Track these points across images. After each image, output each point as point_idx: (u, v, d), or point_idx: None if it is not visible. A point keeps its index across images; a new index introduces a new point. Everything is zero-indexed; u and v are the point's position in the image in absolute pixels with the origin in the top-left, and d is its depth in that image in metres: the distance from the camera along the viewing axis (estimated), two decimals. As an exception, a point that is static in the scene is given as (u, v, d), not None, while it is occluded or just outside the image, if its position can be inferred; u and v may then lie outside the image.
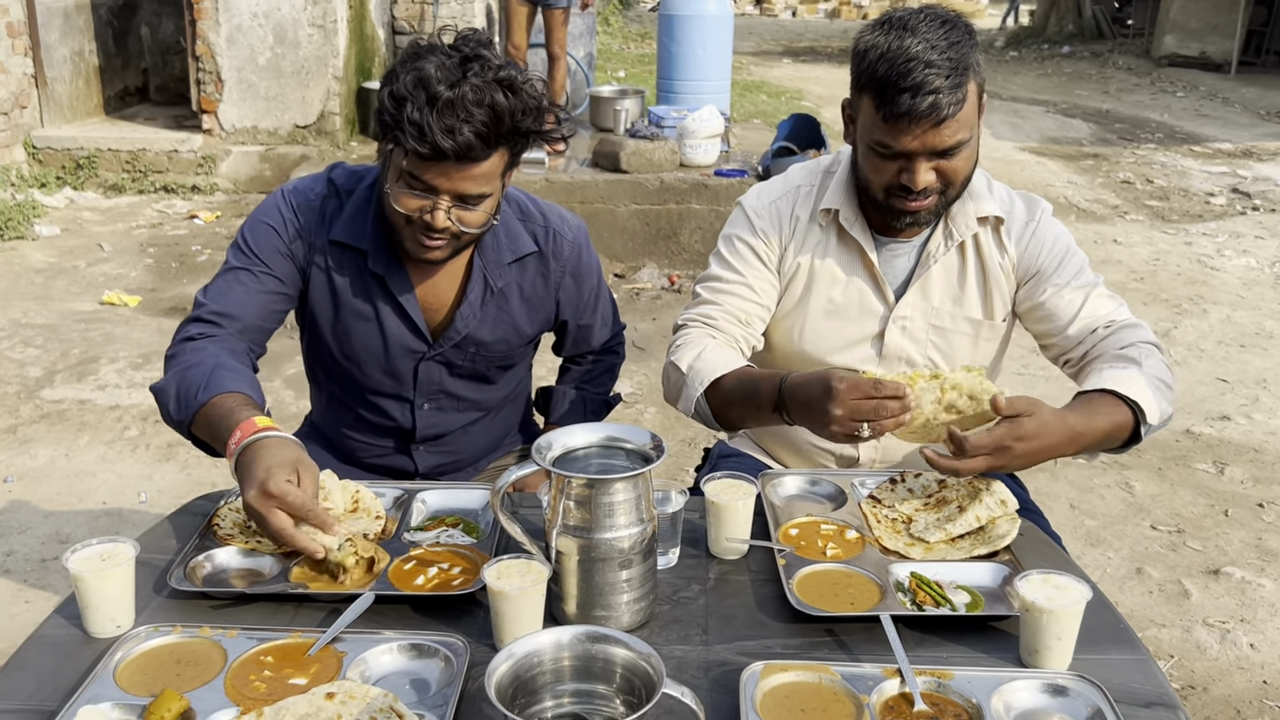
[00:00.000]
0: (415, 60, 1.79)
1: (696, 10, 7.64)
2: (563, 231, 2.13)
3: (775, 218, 2.10)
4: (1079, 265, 2.03)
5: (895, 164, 1.88)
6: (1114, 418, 1.80)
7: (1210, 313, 5.81)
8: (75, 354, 4.92)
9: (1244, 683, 2.90)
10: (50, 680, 1.39)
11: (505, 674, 1.14)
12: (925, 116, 1.80)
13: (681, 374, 2.00)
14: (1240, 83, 13.68)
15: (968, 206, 2.01)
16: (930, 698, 1.35)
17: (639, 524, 1.46)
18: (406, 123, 1.75)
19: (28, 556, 3.37)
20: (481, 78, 1.77)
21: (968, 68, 1.82)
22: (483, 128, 1.77)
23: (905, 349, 2.07)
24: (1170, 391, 1.88)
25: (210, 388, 1.78)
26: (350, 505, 1.77)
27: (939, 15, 1.85)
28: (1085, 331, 1.98)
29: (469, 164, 1.80)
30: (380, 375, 2.11)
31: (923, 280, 2.04)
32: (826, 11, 25.58)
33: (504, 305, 2.09)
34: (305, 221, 2.01)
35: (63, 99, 7.92)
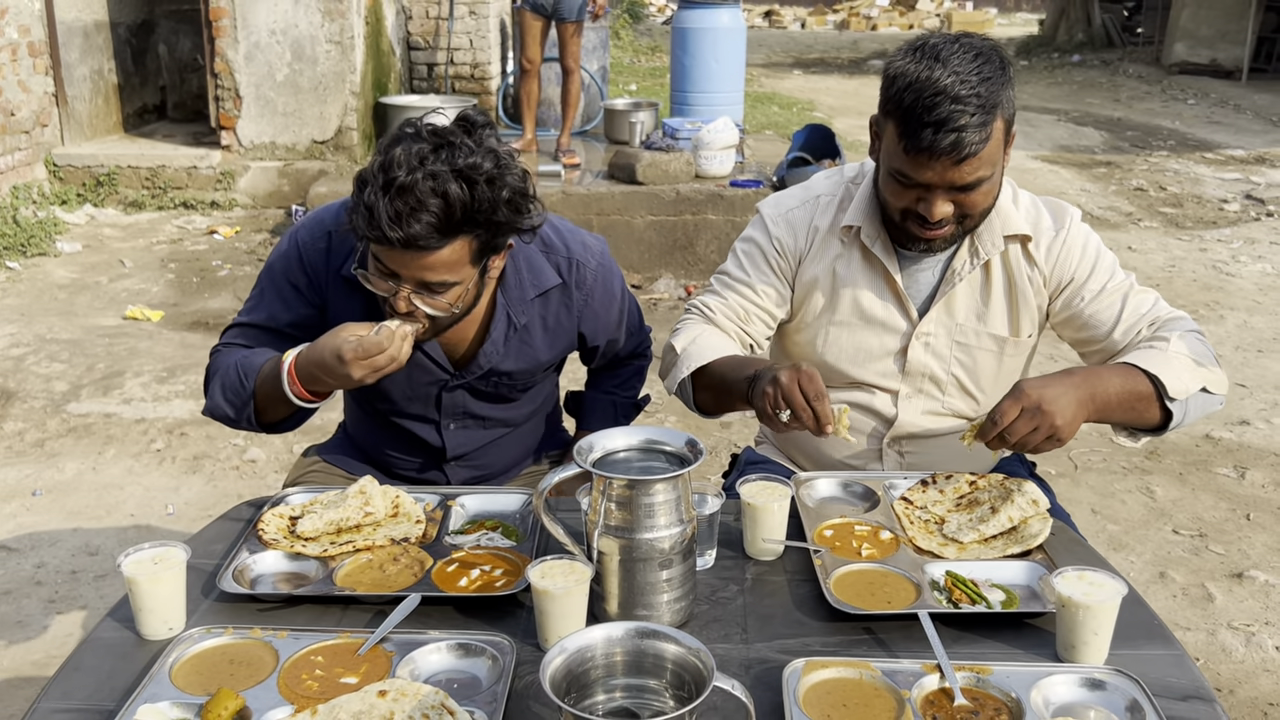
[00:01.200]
0: (393, 144, 1.73)
1: (710, 23, 7.69)
2: (585, 261, 2.10)
3: (792, 226, 2.09)
4: (1110, 268, 2.02)
5: (913, 192, 1.86)
6: (1127, 381, 1.81)
7: (1227, 319, 5.81)
8: (100, 368, 4.97)
9: (1270, 685, 2.90)
10: (107, 681, 1.42)
11: (559, 668, 1.17)
12: (946, 153, 1.77)
13: (675, 354, 2.05)
14: (1251, 89, 13.68)
15: (994, 224, 1.98)
16: (970, 692, 1.37)
17: (679, 524, 1.49)
18: (360, 206, 1.71)
19: (58, 569, 3.41)
20: (447, 164, 1.70)
21: (996, 105, 1.78)
22: (433, 219, 1.70)
23: (929, 365, 2.06)
24: (1208, 371, 1.87)
25: (247, 375, 1.92)
26: (391, 510, 1.81)
27: (974, 47, 1.81)
28: (1130, 333, 1.96)
29: (421, 253, 1.73)
30: (404, 401, 2.14)
31: (947, 297, 2.03)
32: (835, 23, 25.66)
33: (527, 339, 2.09)
34: (311, 263, 2.01)
35: (83, 117, 8.00)
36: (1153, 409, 1.83)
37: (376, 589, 1.63)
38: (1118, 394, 1.80)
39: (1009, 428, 1.71)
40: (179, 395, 4.69)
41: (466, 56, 8.87)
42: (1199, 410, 1.89)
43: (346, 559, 1.70)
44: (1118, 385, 1.80)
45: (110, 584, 3.31)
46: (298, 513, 1.82)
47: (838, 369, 2.09)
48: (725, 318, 2.11)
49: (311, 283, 2.02)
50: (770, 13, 26.50)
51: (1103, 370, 1.83)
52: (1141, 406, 1.83)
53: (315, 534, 1.74)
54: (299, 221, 2.08)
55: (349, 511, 1.77)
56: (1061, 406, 1.71)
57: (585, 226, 6.23)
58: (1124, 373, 1.83)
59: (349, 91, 7.65)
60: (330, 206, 2.08)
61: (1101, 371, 1.83)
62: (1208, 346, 1.93)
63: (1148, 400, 1.82)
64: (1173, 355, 1.85)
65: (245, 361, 1.94)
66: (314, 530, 1.74)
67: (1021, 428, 1.70)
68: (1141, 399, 1.82)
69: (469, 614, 1.57)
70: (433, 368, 2.07)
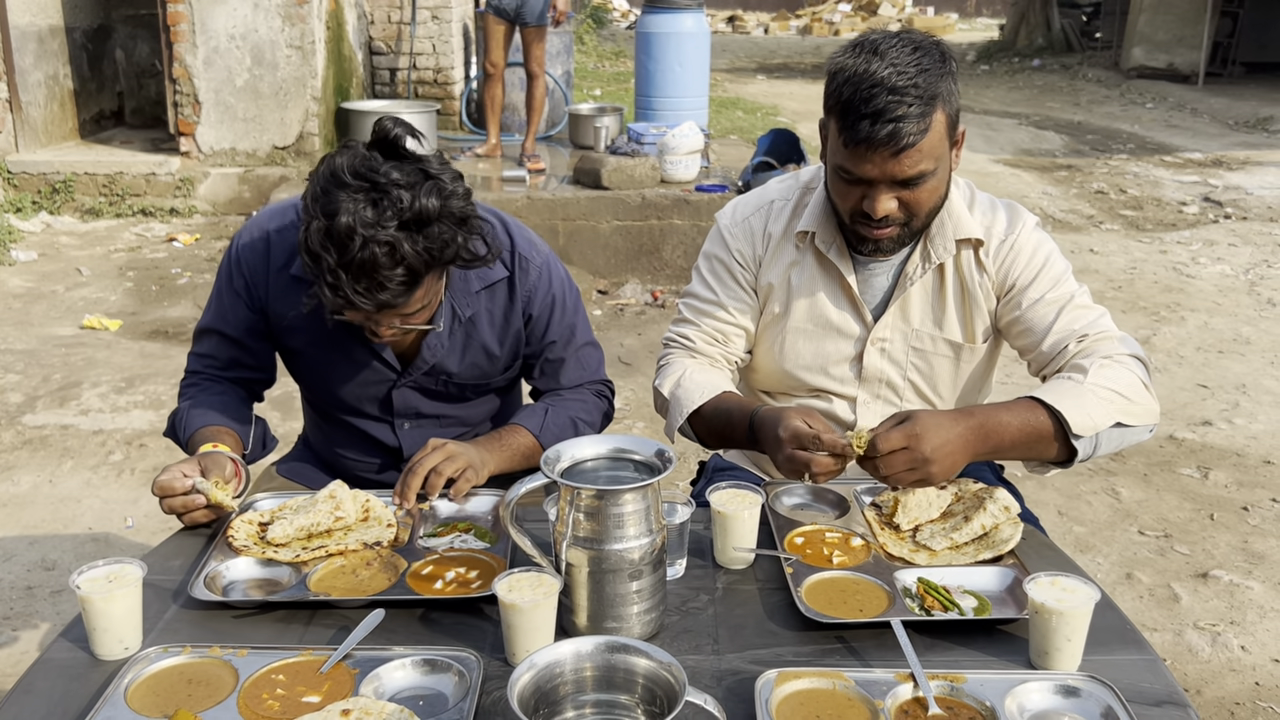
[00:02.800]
0: (325, 198, 1.68)
1: (674, 28, 7.68)
2: (530, 256, 2.09)
3: (748, 234, 2.08)
4: (1057, 277, 1.96)
5: (858, 189, 1.85)
6: (1026, 418, 1.74)
7: (1188, 320, 5.87)
8: (57, 379, 4.88)
9: (1236, 684, 2.92)
10: (60, 704, 1.38)
11: (527, 685, 1.14)
12: (884, 144, 1.75)
13: (665, 400, 2.05)
14: (1208, 93, 13.87)
15: (946, 228, 1.96)
16: (944, 701, 1.36)
17: (649, 535, 1.46)
18: (325, 285, 1.69)
19: (13, 584, 3.33)
20: (397, 219, 1.66)
21: (935, 96, 1.76)
22: (401, 279, 1.71)
23: (885, 371, 2.05)
24: (1129, 403, 1.79)
25: (186, 429, 2.03)
26: (361, 514, 1.79)
27: (912, 40, 1.80)
28: (1058, 347, 1.90)
29: (392, 308, 1.76)
30: (356, 400, 2.13)
31: (901, 301, 2.01)
32: (798, 28, 25.78)
33: (473, 333, 2.08)
34: (250, 268, 2.03)
35: (37, 123, 7.87)
36: (1053, 446, 1.76)
37: (352, 594, 1.61)
38: (1014, 435, 1.74)
39: (885, 459, 1.65)
40: (138, 406, 4.62)
41: (429, 61, 8.82)
42: (1115, 443, 1.81)
43: (319, 564, 1.68)
44: (1015, 426, 1.74)
45: (67, 600, 3.24)
46: (267, 519, 1.80)
47: (796, 376, 2.08)
48: (706, 344, 2.10)
49: (249, 286, 2.04)
50: (734, 18, 26.58)
51: (1001, 410, 1.75)
52: (1041, 445, 1.76)
53: (286, 539, 1.73)
54: (242, 229, 2.10)
55: (319, 516, 1.76)
56: (943, 455, 1.66)
57: (551, 232, 6.23)
58: (1024, 411, 1.75)
59: (310, 97, 7.57)
60: (269, 209, 2.09)
61: (1000, 411, 1.75)
62: (1138, 373, 1.84)
63: (1048, 439, 1.75)
64: (1087, 388, 1.78)
65: (188, 417, 2.04)
66: (284, 536, 1.73)
67: (898, 463, 1.65)
68: (1041, 438, 1.75)
69: (435, 629, 1.54)
70: (380, 367, 2.06)
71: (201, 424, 1.98)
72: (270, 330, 2.07)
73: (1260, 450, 4.34)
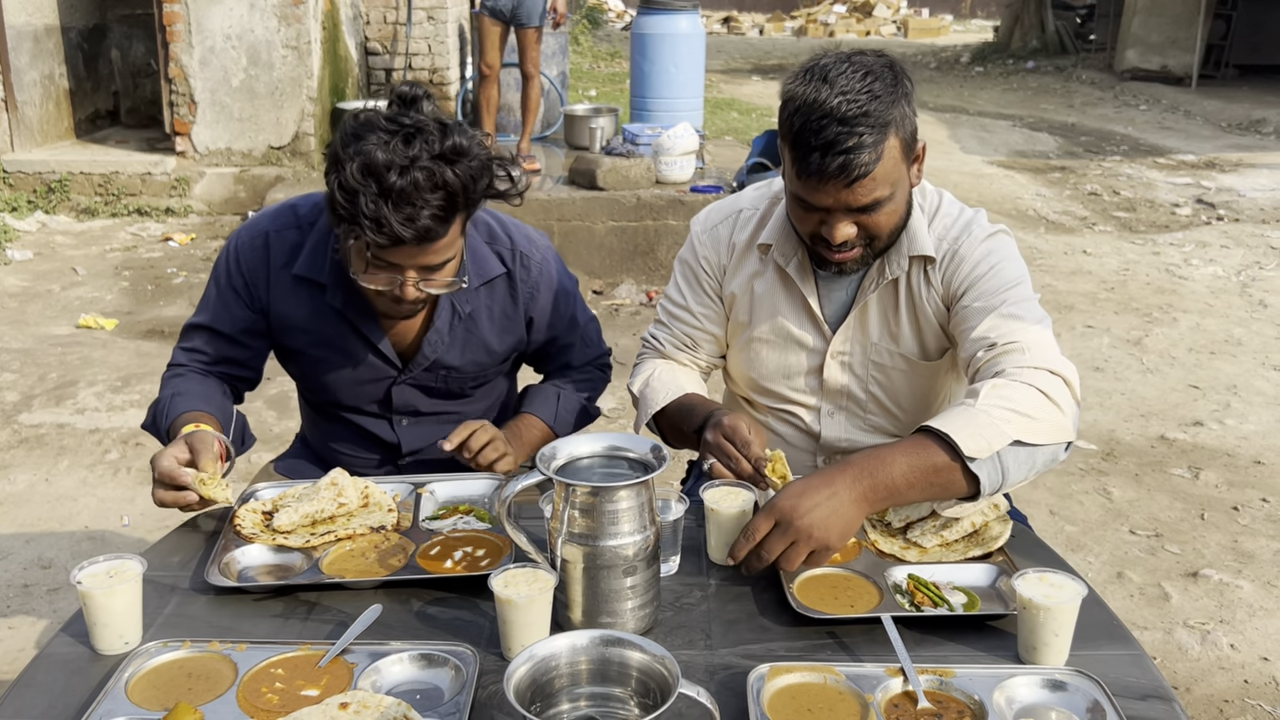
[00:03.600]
0: (357, 142, 1.74)
1: (669, 29, 7.70)
2: (530, 252, 2.13)
3: (715, 242, 2.09)
4: (998, 286, 1.87)
5: (815, 216, 1.83)
6: (917, 454, 1.65)
7: (1180, 321, 5.91)
8: (53, 378, 4.89)
9: (1225, 682, 2.95)
10: (61, 698, 1.40)
11: (523, 678, 1.16)
12: (835, 176, 1.73)
13: (635, 397, 2.10)
14: (1201, 95, 13.92)
15: (903, 245, 1.93)
16: (933, 695, 1.38)
17: (643, 531, 1.48)
18: (363, 216, 1.72)
19: (10, 582, 3.34)
20: (430, 154, 1.74)
21: (887, 124, 1.73)
22: (439, 210, 1.76)
23: (846, 384, 2.04)
24: (1029, 421, 1.67)
25: (168, 416, 1.97)
26: (361, 501, 1.82)
27: (863, 65, 1.76)
28: (969, 353, 1.85)
29: (430, 243, 1.80)
30: (355, 398, 2.15)
31: (858, 315, 2.00)
32: (793, 30, 25.81)
33: (473, 328, 2.11)
34: (250, 267, 2.04)
35: (33, 122, 7.88)
36: (955, 479, 1.65)
37: (364, 575, 1.65)
38: (904, 475, 1.64)
39: (764, 546, 1.60)
40: (133, 405, 4.63)
41: (425, 62, 8.83)
42: (1025, 466, 1.67)
43: (329, 548, 1.72)
44: (903, 465, 1.64)
45: (64, 598, 3.25)
46: (270, 507, 1.84)
47: (764, 385, 2.10)
48: (675, 348, 2.14)
49: (249, 286, 2.05)
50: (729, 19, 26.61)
51: (884, 452, 1.66)
52: (940, 479, 1.65)
53: (292, 526, 1.76)
54: (239, 229, 2.11)
55: (323, 504, 1.79)
56: (819, 517, 1.59)
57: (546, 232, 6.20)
58: (912, 448, 1.66)
59: (306, 97, 7.58)
60: (266, 210, 2.11)
61: (883, 454, 1.65)
62: (1042, 386, 1.71)
63: (945, 470, 1.64)
64: (978, 410, 1.67)
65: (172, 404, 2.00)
66: (290, 524, 1.76)
67: (775, 545, 1.59)
68: (937, 471, 1.64)
69: (432, 624, 1.56)
70: (380, 364, 2.08)
71: (184, 410, 1.96)
72: (269, 330, 2.09)
73: (1251, 450, 4.37)
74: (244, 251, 2.05)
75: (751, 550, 1.62)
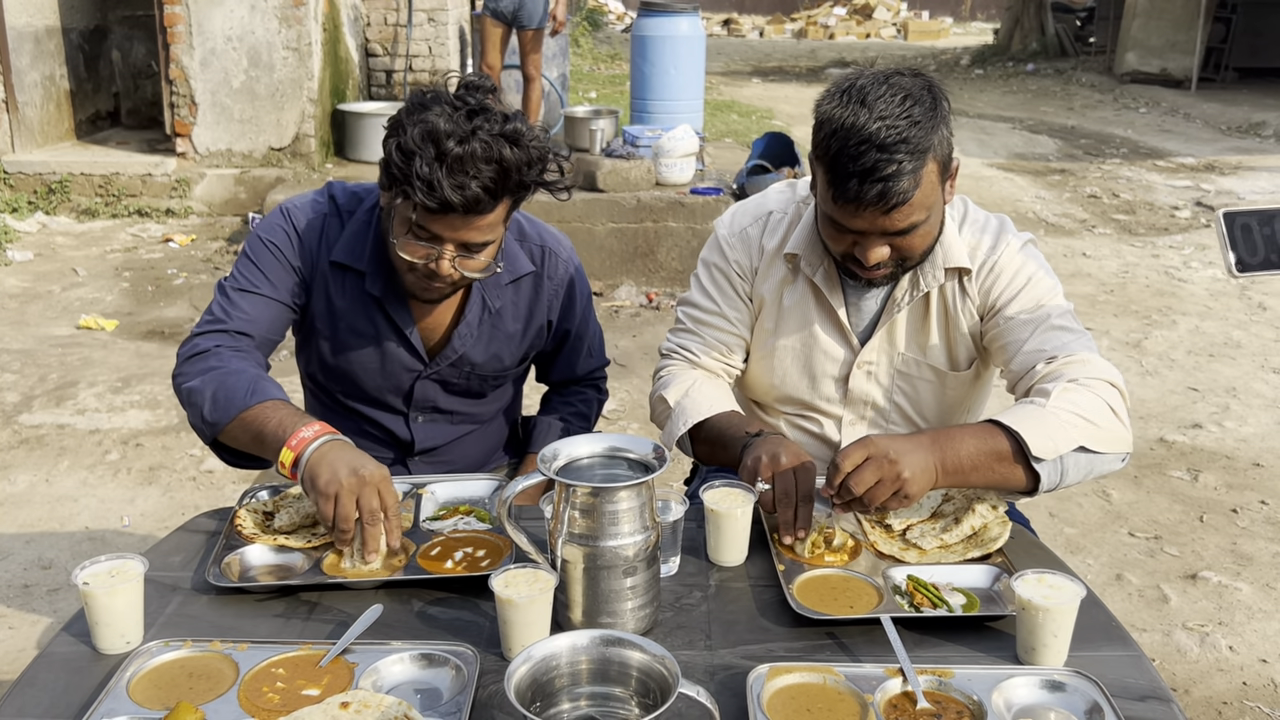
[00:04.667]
0: (422, 111, 1.80)
1: (669, 31, 7.71)
2: (558, 251, 2.17)
3: (745, 245, 2.07)
4: (1039, 296, 1.90)
5: (848, 237, 1.82)
6: (984, 437, 1.69)
7: (1179, 323, 5.91)
8: (53, 379, 4.90)
9: (1224, 684, 2.95)
10: (63, 696, 1.40)
11: (524, 677, 1.16)
12: (874, 204, 1.71)
13: (669, 408, 2.02)
14: (1201, 98, 13.93)
15: (937, 257, 1.92)
16: (932, 695, 1.38)
17: (643, 531, 1.49)
18: (415, 177, 1.76)
19: (10, 582, 3.35)
20: (489, 131, 1.79)
21: (927, 150, 1.71)
22: (490, 183, 1.79)
23: (871, 394, 2.04)
24: (1095, 429, 1.71)
25: (257, 394, 1.81)
26: None
27: (902, 88, 1.73)
28: (1026, 366, 1.85)
29: (476, 216, 1.82)
30: (375, 390, 2.15)
31: (888, 327, 1.99)
32: (793, 32, 25.83)
33: (499, 325, 2.13)
34: (307, 239, 2.04)
35: (34, 123, 7.88)
36: (1015, 471, 1.69)
37: (365, 576, 1.65)
38: (971, 456, 1.68)
39: (854, 476, 1.61)
40: (134, 405, 4.63)
41: (425, 63, 8.83)
42: (1083, 471, 1.73)
43: (329, 549, 1.72)
44: (971, 447, 1.68)
45: (64, 598, 3.26)
46: (270, 508, 1.84)
47: (783, 391, 2.08)
48: (708, 356, 2.09)
49: (302, 256, 2.04)
50: (729, 21, 26.63)
51: (955, 431, 1.71)
52: (1002, 469, 1.69)
53: (292, 527, 1.77)
54: (287, 204, 2.07)
55: None
56: (910, 461, 1.62)
57: (546, 234, 6.25)
58: (981, 432, 1.70)
59: (306, 98, 7.59)
60: (307, 195, 2.10)
61: (954, 432, 1.70)
62: (1106, 397, 1.75)
63: (1008, 461, 1.69)
64: (1050, 411, 1.71)
65: (258, 384, 1.83)
66: (290, 524, 1.77)
67: (868, 477, 1.61)
68: (1001, 459, 1.68)
69: (432, 624, 1.57)
70: (407, 357, 2.09)
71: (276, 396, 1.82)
72: (307, 307, 2.07)
73: (1249, 453, 4.38)
74: (300, 223, 2.03)
75: (840, 481, 1.63)
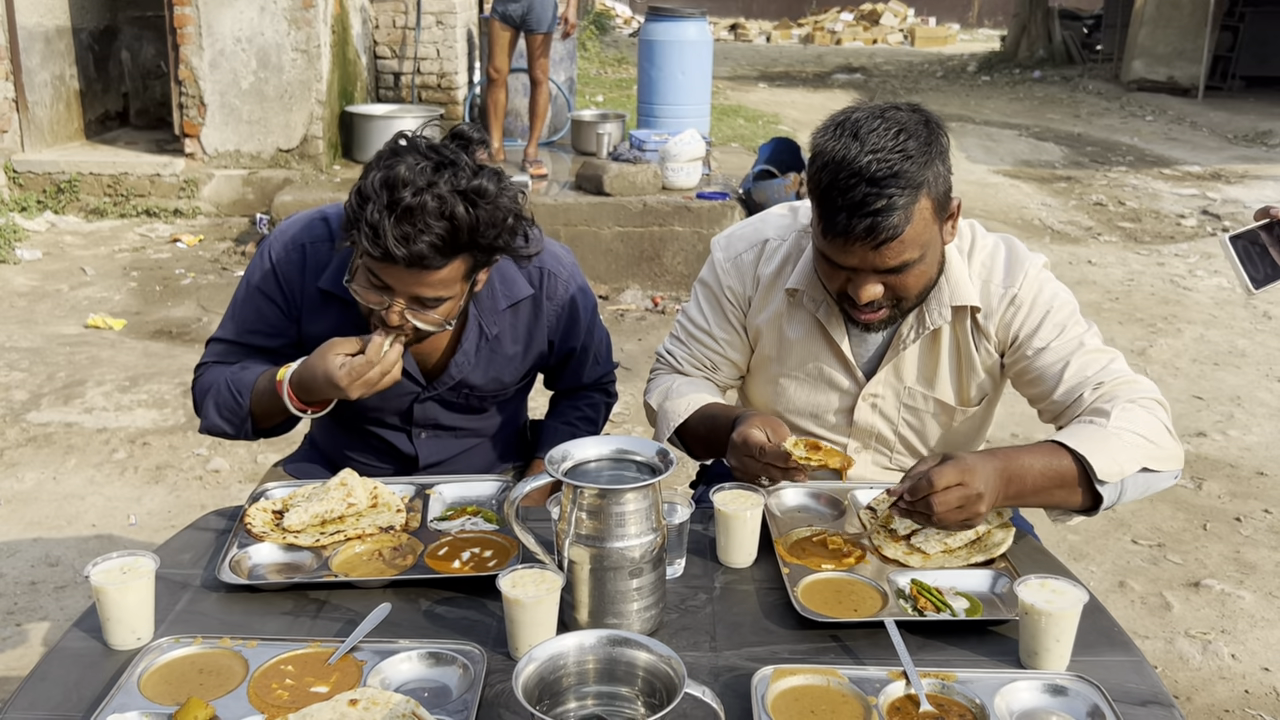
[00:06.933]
0: (392, 157, 1.76)
1: (677, 36, 7.74)
2: (557, 272, 2.13)
3: (739, 272, 2.04)
4: (1063, 322, 1.88)
5: (842, 274, 1.79)
6: (1049, 461, 1.69)
7: (1184, 331, 5.91)
8: (61, 377, 4.92)
9: (1226, 692, 2.96)
10: (74, 691, 1.42)
11: (531, 676, 1.18)
12: (862, 239, 1.69)
13: (654, 412, 2.06)
14: (1207, 107, 13.93)
15: (943, 293, 1.89)
16: (935, 699, 1.39)
17: (649, 533, 1.50)
18: (364, 223, 1.73)
19: (17, 579, 3.36)
20: (450, 187, 1.73)
21: (919, 185, 1.68)
22: (439, 240, 1.74)
23: (876, 425, 2.03)
24: (1155, 448, 1.72)
25: (241, 393, 1.97)
26: (370, 501, 1.84)
27: (896, 121, 1.70)
28: (1072, 395, 1.84)
29: (422, 271, 1.77)
30: (376, 411, 2.15)
31: (894, 363, 1.97)
32: (800, 37, 25.84)
33: (497, 349, 2.11)
34: (288, 278, 2.04)
35: (43, 123, 7.91)
36: (1076, 493, 1.70)
37: (374, 575, 1.67)
38: (1036, 479, 1.68)
39: (940, 495, 1.60)
40: (141, 405, 4.65)
41: (433, 66, 8.86)
42: (1140, 489, 1.74)
43: (338, 548, 1.74)
44: (1038, 469, 1.68)
45: (71, 595, 3.28)
46: (280, 506, 1.86)
47: (789, 420, 2.08)
48: (692, 368, 2.11)
49: (287, 298, 2.05)
50: (736, 26, 26.65)
51: (1024, 455, 1.69)
52: (1064, 491, 1.70)
53: (302, 526, 1.78)
54: (271, 236, 2.10)
55: (332, 504, 1.81)
56: (990, 490, 1.62)
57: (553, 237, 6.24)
58: (1047, 454, 1.69)
59: (315, 100, 7.61)
60: (299, 219, 2.09)
61: (1022, 457, 1.68)
62: (1160, 417, 1.78)
63: (1071, 484, 1.69)
64: (1112, 432, 1.71)
65: (236, 379, 1.98)
66: (300, 524, 1.78)
67: (953, 500, 1.60)
68: (1064, 483, 1.69)
69: (439, 623, 1.58)
70: (404, 380, 2.08)
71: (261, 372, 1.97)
72: (300, 343, 2.08)
73: (1254, 462, 4.38)
74: (282, 264, 2.03)
75: (922, 498, 1.61)
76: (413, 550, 1.74)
